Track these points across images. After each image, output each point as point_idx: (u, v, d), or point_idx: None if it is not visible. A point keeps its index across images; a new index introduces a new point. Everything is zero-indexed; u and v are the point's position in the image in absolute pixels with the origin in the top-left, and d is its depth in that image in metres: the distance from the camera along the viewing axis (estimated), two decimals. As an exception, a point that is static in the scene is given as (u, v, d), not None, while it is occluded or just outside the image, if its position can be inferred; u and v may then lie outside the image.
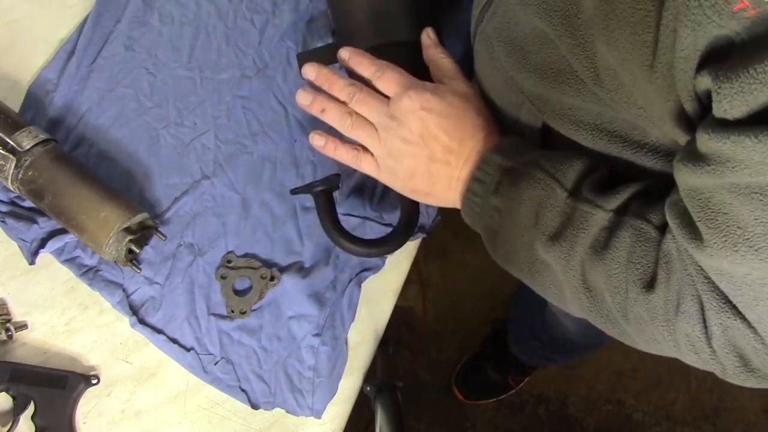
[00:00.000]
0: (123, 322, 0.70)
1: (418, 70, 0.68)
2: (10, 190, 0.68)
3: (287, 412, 0.69)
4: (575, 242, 0.46)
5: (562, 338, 1.06)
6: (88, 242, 0.66)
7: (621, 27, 0.37)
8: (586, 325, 0.90)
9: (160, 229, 0.70)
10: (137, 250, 0.67)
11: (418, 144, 0.54)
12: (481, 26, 0.56)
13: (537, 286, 0.53)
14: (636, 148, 0.46)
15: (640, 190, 0.46)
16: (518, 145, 0.53)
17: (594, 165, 0.48)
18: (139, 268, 0.68)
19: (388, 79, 0.56)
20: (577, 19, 0.41)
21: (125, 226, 0.65)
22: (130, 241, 0.66)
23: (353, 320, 0.72)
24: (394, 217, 0.74)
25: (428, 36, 0.63)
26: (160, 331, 0.69)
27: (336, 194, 0.70)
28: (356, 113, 0.57)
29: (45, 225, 0.69)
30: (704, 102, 0.36)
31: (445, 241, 1.58)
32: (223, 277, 0.71)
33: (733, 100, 0.32)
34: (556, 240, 0.47)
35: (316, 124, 0.76)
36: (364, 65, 0.58)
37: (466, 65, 0.74)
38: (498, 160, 0.51)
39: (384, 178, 0.59)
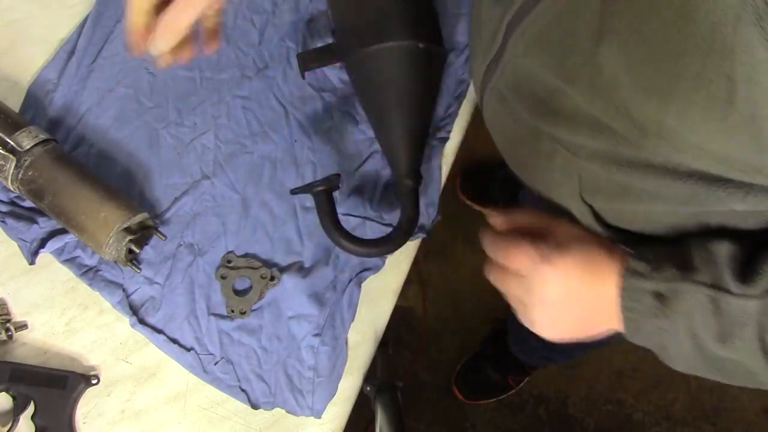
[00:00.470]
0: (123, 322, 0.70)
1: (417, 71, 0.68)
2: (10, 190, 0.68)
3: (287, 412, 0.69)
4: (746, 336, 0.44)
5: None
6: (88, 242, 0.66)
7: (673, 83, 0.36)
8: None
9: (160, 229, 0.70)
10: (137, 250, 0.67)
11: (560, 304, 0.52)
12: (490, 84, 0.54)
13: (727, 379, 0.50)
14: (685, 177, 0.44)
15: None
16: (650, 261, 0.48)
17: (731, 249, 0.46)
18: (139, 268, 0.68)
19: (513, 257, 0.53)
20: (601, 78, 0.40)
21: (125, 226, 0.65)
22: (130, 241, 0.66)
23: (353, 320, 0.72)
24: (394, 217, 0.74)
25: (495, 216, 0.58)
26: (160, 331, 0.69)
27: (336, 194, 0.70)
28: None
29: (45, 225, 0.69)
30: None
31: (445, 241, 1.58)
32: (223, 277, 0.71)
33: None
34: (728, 339, 0.45)
35: (316, 123, 0.76)
36: (489, 249, 0.56)
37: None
38: (641, 284, 0.48)
39: (526, 324, 0.57)
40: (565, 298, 0.51)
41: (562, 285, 0.50)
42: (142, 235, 0.68)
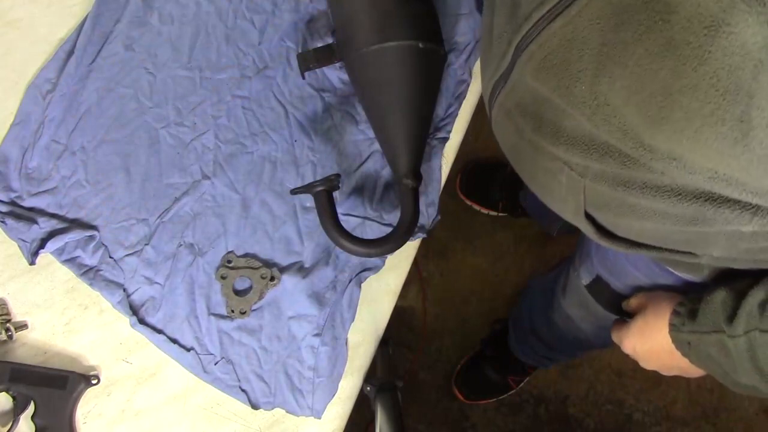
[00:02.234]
0: (123, 322, 0.70)
1: (417, 71, 0.68)
2: (10, 190, 0.68)
3: (287, 412, 0.69)
4: (747, 368, 0.52)
5: (572, 337, 1.05)
6: None
7: (683, 117, 0.36)
8: (596, 325, 0.91)
9: (159, 228, 0.70)
10: None
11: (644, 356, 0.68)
12: (498, 99, 0.55)
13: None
14: (692, 198, 0.44)
15: None
16: (680, 315, 0.59)
17: (723, 295, 0.53)
18: None
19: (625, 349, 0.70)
20: (608, 107, 0.40)
21: None
22: None
23: (353, 320, 0.72)
24: (394, 217, 0.74)
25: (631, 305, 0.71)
26: (160, 331, 0.69)
27: (336, 194, 0.70)
28: None
29: (45, 225, 0.69)
30: None
31: (445, 241, 1.58)
32: (223, 277, 0.71)
33: None
34: (737, 371, 0.53)
35: (315, 123, 0.76)
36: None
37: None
38: (679, 336, 0.59)
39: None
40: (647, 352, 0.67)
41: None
42: None
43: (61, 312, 0.69)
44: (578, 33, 0.41)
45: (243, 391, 0.69)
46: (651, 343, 0.64)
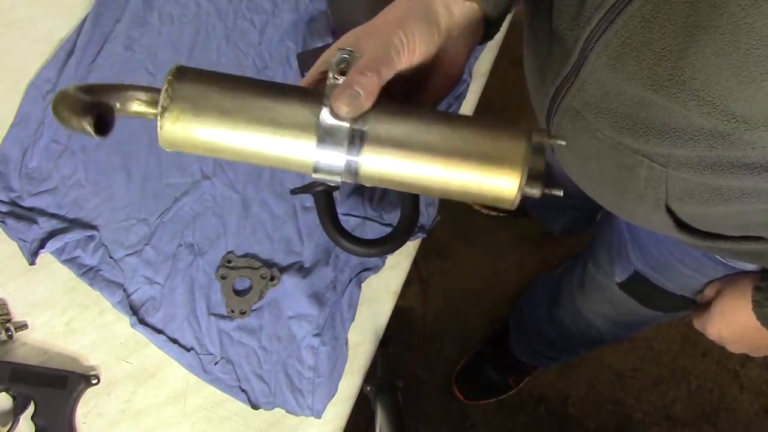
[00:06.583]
0: (123, 322, 0.70)
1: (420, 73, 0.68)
2: (10, 190, 0.68)
3: (287, 412, 0.69)
4: None
5: (579, 335, 1.04)
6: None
7: None
8: (616, 322, 0.91)
9: (159, 228, 0.70)
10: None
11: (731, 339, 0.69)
12: (564, 102, 0.53)
13: None
14: None
15: None
16: (761, 290, 0.60)
17: None
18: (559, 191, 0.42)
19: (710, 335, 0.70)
20: (696, 77, 0.39)
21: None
22: None
23: (353, 320, 0.72)
24: (394, 217, 0.74)
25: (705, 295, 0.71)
26: (160, 331, 0.69)
27: (336, 194, 0.70)
28: None
29: (45, 225, 0.69)
30: None
31: (445, 241, 1.58)
32: (223, 277, 0.71)
33: None
34: None
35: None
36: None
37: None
38: (762, 311, 0.60)
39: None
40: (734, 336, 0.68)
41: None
42: None
43: (61, 312, 0.69)
44: (660, 10, 0.40)
45: (243, 391, 0.69)
46: (736, 324, 0.64)
